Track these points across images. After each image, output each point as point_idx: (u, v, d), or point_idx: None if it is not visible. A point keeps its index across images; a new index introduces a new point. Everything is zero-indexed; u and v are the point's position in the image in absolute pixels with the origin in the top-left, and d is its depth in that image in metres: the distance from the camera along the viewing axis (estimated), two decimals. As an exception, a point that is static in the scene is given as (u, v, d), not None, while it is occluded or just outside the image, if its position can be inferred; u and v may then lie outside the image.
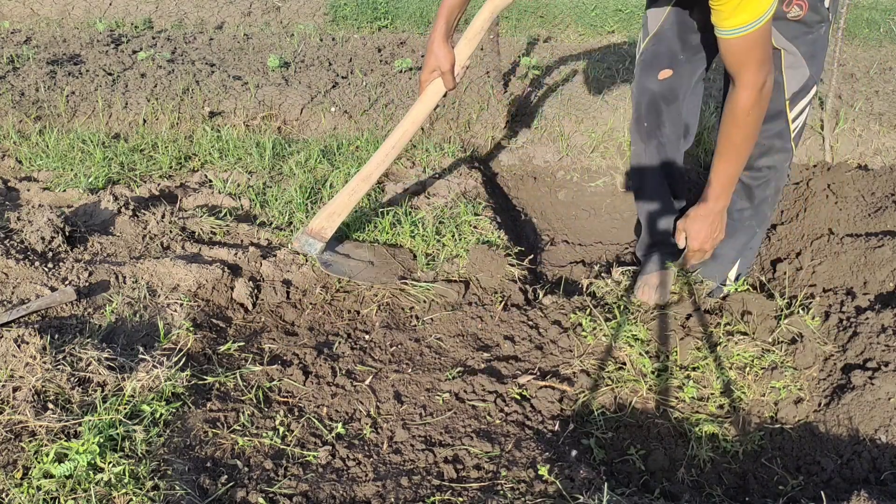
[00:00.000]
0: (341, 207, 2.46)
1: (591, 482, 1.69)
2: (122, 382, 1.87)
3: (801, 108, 2.26)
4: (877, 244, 2.69)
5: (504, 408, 1.98)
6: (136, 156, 3.34)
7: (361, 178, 2.43)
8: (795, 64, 2.12)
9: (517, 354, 2.26)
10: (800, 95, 2.21)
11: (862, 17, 5.92)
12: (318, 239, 2.44)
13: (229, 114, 3.98)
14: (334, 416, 1.93)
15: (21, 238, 2.45)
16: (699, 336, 2.32)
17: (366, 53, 4.92)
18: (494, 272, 2.59)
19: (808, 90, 2.22)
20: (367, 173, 2.42)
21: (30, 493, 1.52)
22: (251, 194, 3.03)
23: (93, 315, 2.15)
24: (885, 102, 4.18)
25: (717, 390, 2.15)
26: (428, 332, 2.33)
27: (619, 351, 2.25)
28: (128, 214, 2.71)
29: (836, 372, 2.15)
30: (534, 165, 3.91)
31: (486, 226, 2.91)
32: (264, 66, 4.56)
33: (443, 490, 1.68)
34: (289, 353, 2.18)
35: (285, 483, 1.67)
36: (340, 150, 3.53)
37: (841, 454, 1.89)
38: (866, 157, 3.92)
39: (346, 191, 2.45)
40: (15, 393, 1.78)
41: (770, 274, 2.81)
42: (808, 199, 3.22)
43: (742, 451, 1.98)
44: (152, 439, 1.72)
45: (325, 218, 2.46)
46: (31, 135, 3.55)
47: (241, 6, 5.96)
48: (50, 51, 4.64)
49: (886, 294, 2.53)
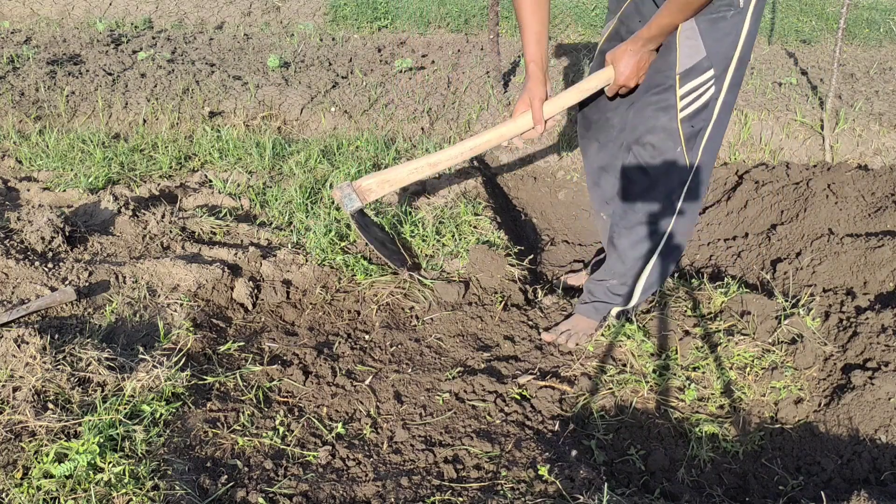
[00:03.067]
0: (397, 180, 2.38)
1: (591, 482, 1.69)
2: (122, 382, 1.86)
3: (693, 91, 2.11)
4: (877, 244, 2.69)
5: (504, 408, 1.98)
6: (136, 156, 3.34)
7: (429, 164, 2.35)
8: (692, 36, 2.06)
9: (517, 354, 2.26)
10: (691, 75, 2.09)
11: (862, 17, 5.92)
12: (360, 198, 2.37)
13: (229, 114, 3.98)
14: (334, 416, 1.93)
15: (21, 238, 2.45)
16: (699, 336, 2.32)
17: (366, 53, 4.92)
18: (494, 272, 2.59)
19: (702, 72, 2.09)
20: (436, 161, 2.34)
21: (30, 493, 1.52)
22: (251, 194, 3.03)
23: (93, 315, 2.15)
24: (885, 102, 4.19)
25: (717, 390, 2.14)
26: (428, 332, 2.33)
27: (619, 348, 2.25)
28: (128, 214, 2.70)
29: (836, 372, 2.15)
30: (534, 165, 3.91)
31: (486, 226, 2.91)
32: (264, 66, 4.56)
33: (443, 490, 1.68)
34: (289, 353, 2.18)
35: (285, 483, 1.67)
36: (340, 150, 3.53)
37: (841, 454, 1.89)
38: (866, 157, 3.92)
39: (410, 167, 2.37)
40: (15, 393, 1.78)
41: (770, 274, 2.81)
42: (808, 199, 3.22)
43: (742, 451, 1.98)
44: (152, 439, 1.72)
45: (377, 182, 2.38)
46: (31, 135, 3.55)
47: (241, 6, 5.96)
48: (50, 51, 4.64)
49: (886, 294, 2.53)
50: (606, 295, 2.34)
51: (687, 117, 2.13)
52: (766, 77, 4.56)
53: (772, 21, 5.82)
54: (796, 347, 2.23)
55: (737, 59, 2.09)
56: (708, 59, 2.08)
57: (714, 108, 2.14)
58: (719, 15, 2.03)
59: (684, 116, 2.14)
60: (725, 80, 2.11)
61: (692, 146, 2.16)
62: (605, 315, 2.37)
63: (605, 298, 2.34)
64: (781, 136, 3.99)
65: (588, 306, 2.38)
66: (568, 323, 2.39)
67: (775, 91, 4.32)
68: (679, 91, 2.11)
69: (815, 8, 6.17)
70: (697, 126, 2.15)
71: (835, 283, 2.66)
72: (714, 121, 2.15)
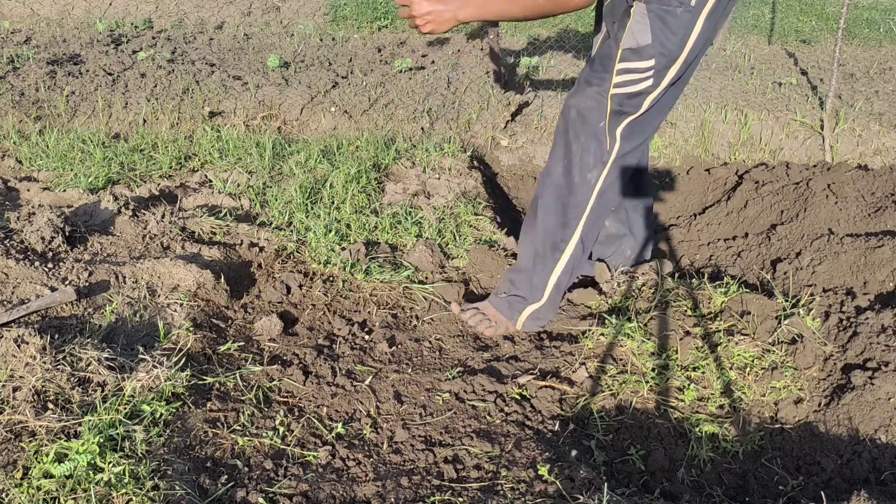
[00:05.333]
0: None
1: (591, 482, 1.69)
2: (122, 382, 1.86)
3: (630, 71, 2.08)
4: (877, 244, 2.69)
5: (504, 408, 1.98)
6: (136, 156, 3.34)
7: None
8: (643, 21, 2.02)
9: (517, 354, 2.26)
10: (634, 57, 2.06)
11: (862, 17, 5.92)
12: None
13: (229, 114, 3.99)
14: (334, 416, 1.93)
15: (21, 238, 2.45)
16: (699, 336, 2.32)
17: (366, 53, 4.92)
18: (494, 272, 2.59)
19: (644, 59, 2.05)
20: None
21: (30, 493, 1.52)
22: (251, 194, 3.03)
23: (93, 315, 2.15)
24: (885, 102, 4.18)
25: (717, 390, 2.14)
26: (428, 332, 2.33)
27: (619, 348, 2.25)
28: (128, 214, 2.70)
29: (836, 372, 2.15)
30: (534, 165, 3.91)
31: (486, 226, 2.91)
32: (264, 66, 4.56)
33: (443, 490, 1.68)
34: (289, 353, 2.18)
35: (285, 483, 1.67)
36: (340, 150, 3.53)
37: (841, 454, 1.89)
38: (866, 157, 3.92)
39: None
40: (15, 393, 1.78)
41: (770, 274, 2.81)
42: (808, 199, 3.22)
43: (742, 451, 1.98)
44: (152, 439, 1.72)
45: None
46: (31, 135, 3.55)
47: (241, 6, 5.96)
48: (50, 51, 4.64)
49: (886, 294, 2.53)
50: (513, 286, 2.32)
51: (617, 96, 2.11)
52: (766, 77, 4.56)
53: (772, 21, 5.82)
54: (796, 347, 2.23)
55: (682, 61, 2.05)
56: (652, 48, 2.04)
57: (645, 100, 2.12)
58: (669, 9, 1.99)
59: (615, 94, 2.11)
60: (666, 77, 2.07)
61: (613, 125, 2.15)
62: (519, 310, 2.34)
63: (516, 291, 2.32)
64: (781, 136, 3.99)
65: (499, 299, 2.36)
66: None
67: (775, 91, 4.32)
68: (617, 65, 2.09)
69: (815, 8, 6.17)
70: (625, 109, 2.13)
71: (835, 283, 2.65)
72: (642, 112, 2.13)
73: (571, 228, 2.27)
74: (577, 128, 2.19)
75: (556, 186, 2.26)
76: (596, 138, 2.18)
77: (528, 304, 2.31)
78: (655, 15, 2.01)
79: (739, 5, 5.58)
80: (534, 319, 2.33)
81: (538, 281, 2.30)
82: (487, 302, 2.37)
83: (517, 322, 2.33)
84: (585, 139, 2.19)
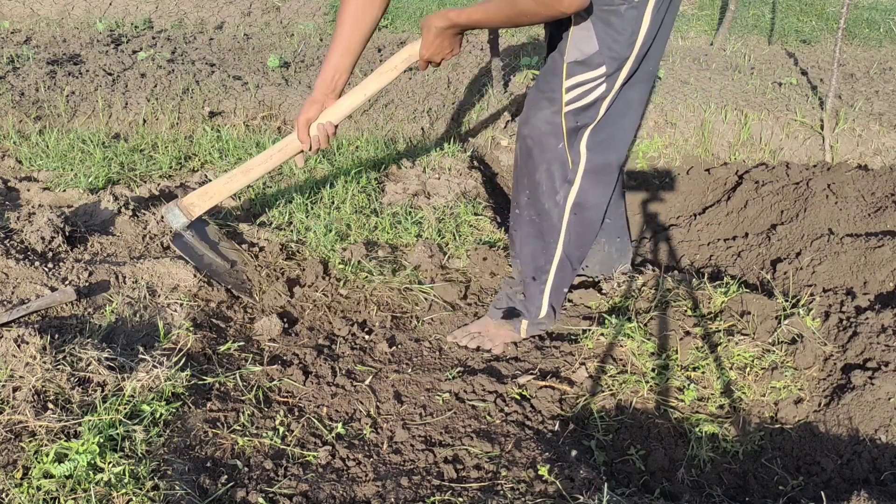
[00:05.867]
0: (216, 191, 2.40)
1: (591, 482, 1.69)
2: (122, 382, 1.86)
3: (580, 84, 1.99)
4: (877, 244, 2.69)
5: (504, 408, 1.98)
6: (136, 156, 3.34)
7: (242, 171, 2.37)
8: (586, 27, 1.93)
9: (517, 354, 2.26)
10: (580, 68, 1.96)
11: (862, 17, 5.92)
12: (185, 214, 2.37)
13: (229, 114, 3.98)
14: (334, 416, 1.93)
15: (21, 238, 2.45)
16: (699, 336, 2.32)
17: (366, 53, 4.92)
18: (494, 272, 2.59)
19: (592, 68, 1.96)
20: (248, 168, 2.37)
21: (30, 493, 1.52)
22: (251, 194, 3.03)
23: (93, 315, 2.15)
24: (885, 102, 4.18)
25: (717, 390, 2.14)
26: (428, 332, 2.33)
27: (619, 348, 2.25)
28: (128, 214, 2.70)
29: (836, 372, 2.15)
30: (534, 165, 3.90)
31: (486, 226, 2.91)
32: (264, 66, 4.56)
33: (443, 490, 1.68)
34: (289, 353, 2.18)
35: (285, 483, 1.67)
36: (340, 150, 3.53)
37: (841, 454, 1.89)
38: (866, 157, 3.92)
39: (225, 178, 2.40)
40: (15, 393, 1.78)
41: (770, 274, 2.81)
42: (808, 199, 3.22)
43: (742, 451, 1.98)
44: (152, 439, 1.72)
45: (197, 196, 2.39)
46: (31, 135, 3.55)
47: (241, 6, 5.96)
48: (50, 51, 4.64)
49: (886, 294, 2.53)
50: (511, 301, 2.30)
51: (572, 112, 2.03)
52: (766, 77, 4.56)
53: (772, 21, 5.82)
54: (796, 347, 2.23)
55: (633, 59, 1.96)
56: (600, 54, 1.94)
57: (600, 107, 2.03)
58: (612, 9, 1.89)
59: (568, 111, 2.03)
60: (618, 79, 1.99)
61: (573, 142, 2.07)
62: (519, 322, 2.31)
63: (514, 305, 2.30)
64: (781, 136, 3.99)
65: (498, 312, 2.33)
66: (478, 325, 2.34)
67: (775, 91, 4.32)
68: (565, 82, 2.00)
69: (815, 8, 6.17)
70: (581, 122, 2.05)
71: (835, 283, 2.65)
72: (600, 119, 2.04)
73: (551, 251, 2.22)
74: (535, 156, 2.12)
75: (527, 217, 2.21)
76: (558, 160, 2.10)
77: (527, 318, 2.32)
78: (598, 18, 1.91)
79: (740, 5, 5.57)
80: (535, 326, 2.34)
81: (533, 300, 2.30)
82: (487, 318, 2.36)
83: (520, 331, 2.33)
84: (548, 165, 2.11)
